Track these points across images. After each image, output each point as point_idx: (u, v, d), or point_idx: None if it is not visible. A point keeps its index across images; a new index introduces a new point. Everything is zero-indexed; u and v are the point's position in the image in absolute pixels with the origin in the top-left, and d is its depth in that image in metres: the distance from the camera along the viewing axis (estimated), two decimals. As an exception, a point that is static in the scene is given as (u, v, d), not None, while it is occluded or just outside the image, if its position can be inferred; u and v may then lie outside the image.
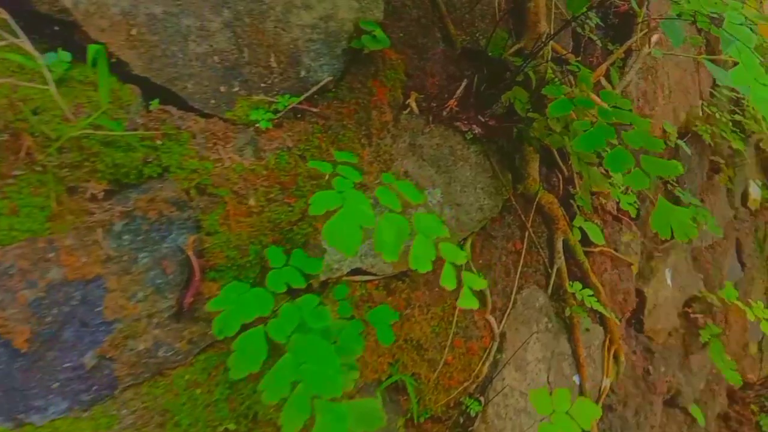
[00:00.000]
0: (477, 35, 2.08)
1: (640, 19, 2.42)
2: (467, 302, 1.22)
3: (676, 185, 3.21)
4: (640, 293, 2.78)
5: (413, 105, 1.79)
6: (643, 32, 2.46)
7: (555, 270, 2.19)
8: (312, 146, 1.57)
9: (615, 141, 1.78)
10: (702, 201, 3.62)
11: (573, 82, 2.30)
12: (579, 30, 2.54)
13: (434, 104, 1.92)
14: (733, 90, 4.19)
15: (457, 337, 1.84)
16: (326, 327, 1.21)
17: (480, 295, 1.93)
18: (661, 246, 3.12)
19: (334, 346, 1.24)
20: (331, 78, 1.64)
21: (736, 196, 4.23)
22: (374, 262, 1.70)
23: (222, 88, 1.51)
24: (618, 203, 2.73)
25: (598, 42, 2.56)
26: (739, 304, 3.12)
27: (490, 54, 2.09)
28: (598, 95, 2.22)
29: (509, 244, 2.08)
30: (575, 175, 2.18)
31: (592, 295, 2.20)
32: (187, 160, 1.38)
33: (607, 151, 1.72)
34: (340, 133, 1.63)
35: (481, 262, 1.97)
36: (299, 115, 1.58)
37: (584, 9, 1.75)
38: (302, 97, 1.58)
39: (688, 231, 1.63)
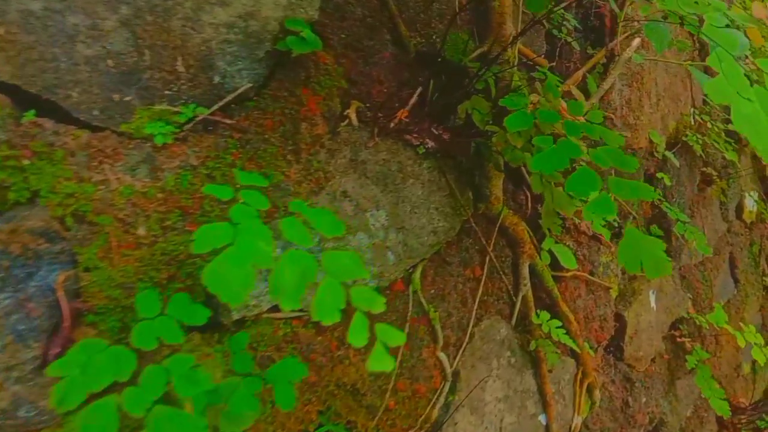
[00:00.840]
0: (434, 37, 1.86)
1: (620, 21, 2.21)
2: (379, 363, 1.01)
3: (663, 200, 3.00)
4: (619, 318, 2.57)
5: (353, 116, 1.57)
6: (625, 35, 2.24)
7: (520, 298, 1.98)
8: (223, 164, 1.35)
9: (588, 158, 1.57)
10: (692, 215, 3.41)
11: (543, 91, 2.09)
12: (555, 32, 2.32)
13: (381, 115, 1.71)
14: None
15: (402, 379, 1.63)
16: (211, 389, 0.99)
17: (430, 330, 1.72)
18: (645, 265, 2.90)
19: (223, 412, 1.02)
20: (251, 85, 1.43)
21: (729, 208, 4.01)
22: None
23: (116, 97, 1.30)
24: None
25: (576, 46, 2.35)
26: (729, 328, 2.91)
27: (448, 58, 1.87)
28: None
29: (467, 271, 1.86)
30: (530, 200, 1.97)
31: (561, 326, 1.98)
32: (62, 183, 1.16)
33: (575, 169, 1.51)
34: (260, 149, 1.41)
35: (432, 291, 1.75)
36: (210, 128, 1.37)
37: (546, 8, 1.54)
38: (214, 108, 1.37)
39: (660, 267, 1.42)
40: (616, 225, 2.55)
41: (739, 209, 4.17)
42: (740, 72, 1.22)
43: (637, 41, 2.09)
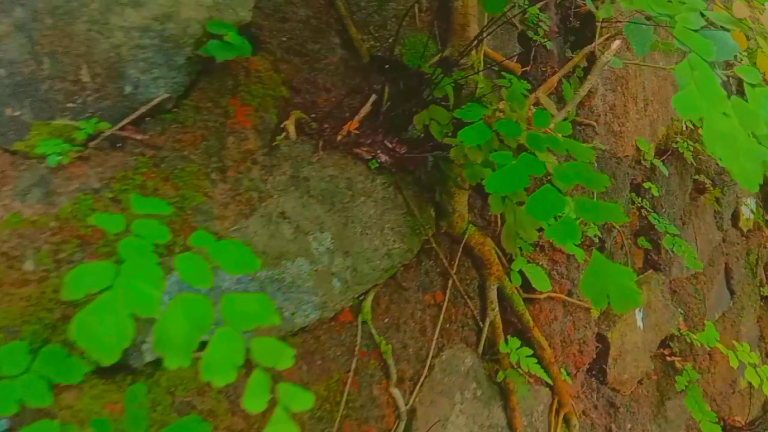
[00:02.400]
0: (390, 40, 1.71)
1: (599, 22, 2.05)
2: (281, 430, 0.85)
3: (651, 211, 2.83)
4: (602, 339, 2.40)
5: (291, 128, 1.41)
6: (605, 37, 2.08)
7: (487, 324, 1.82)
8: (131, 186, 1.19)
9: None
10: (684, 225, 3.24)
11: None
12: (530, 34, 2.16)
13: (328, 126, 1.55)
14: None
15: (348, 421, 1.47)
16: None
17: (382, 364, 1.56)
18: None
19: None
20: (168, 95, 1.27)
21: (724, 217, 3.84)
22: (230, 332, 1.33)
23: (8, 111, 1.14)
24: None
25: (554, 48, 2.19)
26: (721, 347, 2.74)
27: (406, 63, 1.71)
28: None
29: (427, 296, 1.70)
30: (500, 216, 1.81)
31: (533, 354, 1.82)
32: (-70, 212, 1.01)
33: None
34: (178, 168, 1.25)
35: (386, 320, 1.59)
36: (119, 145, 1.21)
37: (504, 9, 1.37)
38: (123, 122, 1.21)
39: (630, 299, 1.25)
40: (597, 240, 2.39)
41: (735, 217, 4.00)
42: (716, 82, 1.06)
43: (617, 43, 1.92)
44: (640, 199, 2.81)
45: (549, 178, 1.38)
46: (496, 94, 1.77)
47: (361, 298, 1.56)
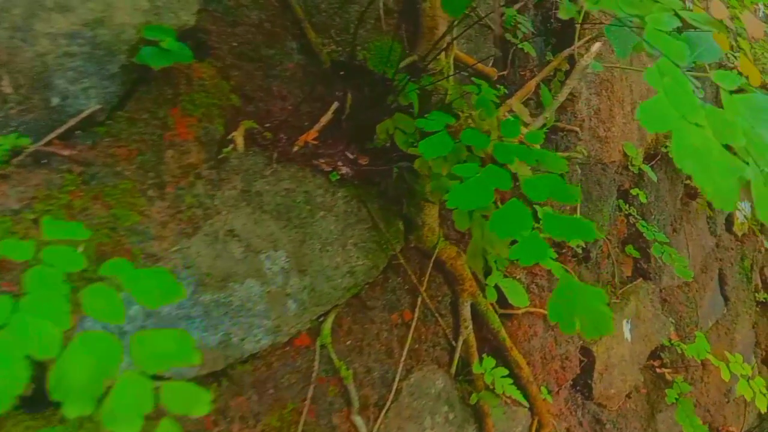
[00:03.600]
0: (354, 45, 1.61)
1: (578, 24, 1.95)
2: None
3: (640, 218, 2.74)
4: (587, 353, 2.31)
5: (239, 139, 1.31)
6: (586, 39, 1.99)
7: (460, 343, 1.72)
8: (56, 206, 1.10)
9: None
10: (675, 232, 3.14)
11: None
12: (509, 37, 2.06)
13: (284, 136, 1.45)
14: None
15: (305, 452, 1.37)
16: None
17: (342, 391, 1.46)
18: (620, 290, 2.65)
19: None
20: (99, 107, 1.17)
21: (717, 222, 3.74)
22: (172, 360, 1.23)
23: None
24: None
25: (532, 52, 2.09)
26: (712, 359, 2.64)
27: (371, 69, 1.62)
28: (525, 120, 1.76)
29: (394, 315, 1.60)
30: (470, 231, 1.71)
31: (509, 375, 1.72)
32: None
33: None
34: (110, 185, 1.16)
35: (348, 343, 1.50)
36: (44, 161, 1.11)
37: (465, 11, 1.28)
38: (50, 136, 1.12)
39: (601, 324, 1.16)
40: (581, 250, 2.30)
41: (729, 221, 3.91)
42: (689, 90, 0.97)
43: (597, 45, 1.83)
44: (627, 206, 2.71)
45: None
46: (467, 101, 1.67)
47: (320, 319, 1.47)
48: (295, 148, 1.43)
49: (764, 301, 4.23)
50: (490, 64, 1.94)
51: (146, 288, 0.89)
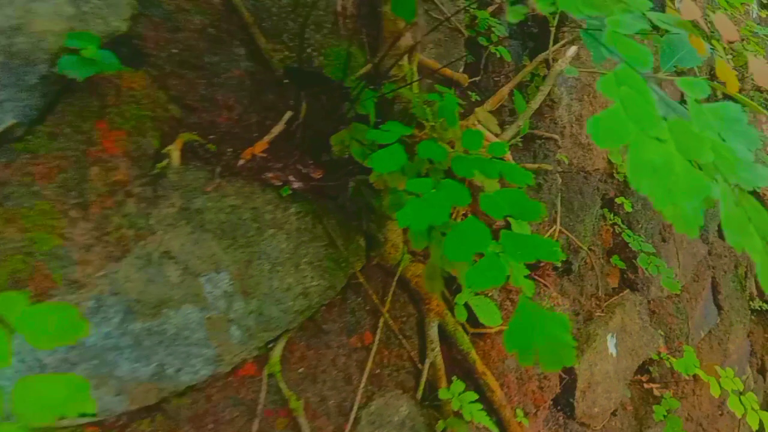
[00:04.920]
0: (310, 51, 1.52)
1: (552, 27, 1.86)
2: None
3: (625, 228, 2.64)
4: (569, 370, 2.21)
5: (174, 154, 1.22)
6: (561, 43, 1.89)
7: (427, 366, 1.62)
8: (-39, 231, 1.00)
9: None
10: (664, 240, 3.04)
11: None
12: (482, 41, 1.97)
13: (229, 149, 1.36)
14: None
15: (250, 489, 1.27)
16: None
17: (292, 424, 1.36)
18: (604, 303, 2.55)
19: None
20: (15, 121, 1.08)
21: (710, 229, 3.65)
22: (98, 394, 1.13)
23: None
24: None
25: (507, 56, 1.99)
26: (702, 374, 2.54)
27: (327, 76, 1.52)
28: (495, 128, 1.67)
29: (353, 339, 1.50)
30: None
31: (479, 399, 1.62)
32: None
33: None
34: (27, 205, 1.06)
35: (301, 370, 1.40)
36: (-51, 181, 1.02)
37: (414, 17, 1.18)
38: (-45, 153, 1.02)
39: (562, 355, 1.05)
40: (561, 262, 2.20)
41: (722, 228, 3.80)
42: (650, 100, 0.87)
43: (573, 50, 1.74)
44: (612, 215, 2.62)
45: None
46: (433, 110, 1.58)
47: (270, 345, 1.37)
48: (241, 162, 1.33)
49: (760, 309, 4.13)
50: (461, 69, 1.84)
51: (39, 327, 0.79)
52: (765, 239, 0.87)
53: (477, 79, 1.91)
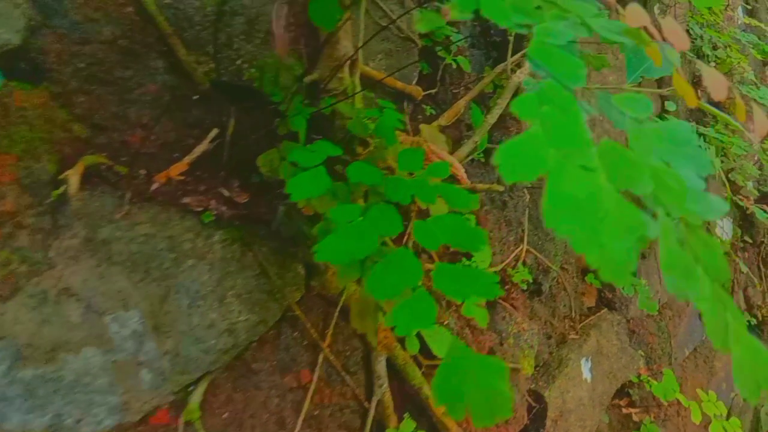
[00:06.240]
0: (240, 62, 1.40)
1: (510, 36, 1.75)
2: None
3: (601, 244, 2.51)
4: (539, 398, 2.08)
5: (73, 179, 1.09)
6: (521, 53, 1.78)
7: (374, 404, 1.49)
8: None
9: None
10: (644, 258, 2.93)
11: (408, 130, 1.62)
12: (440, 52, 1.86)
13: (143, 172, 1.23)
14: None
15: None
16: None
17: (212, 475, 1.22)
18: (579, 325, 2.42)
19: None
20: None
21: (693, 242, 3.52)
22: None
23: None
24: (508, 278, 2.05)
25: (467, 68, 1.88)
26: (682, 399, 2.42)
27: (261, 90, 1.40)
28: (448, 142, 1.55)
29: (287, 378, 1.37)
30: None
31: (431, 439, 1.49)
32: None
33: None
34: None
35: (225, 416, 1.27)
36: None
37: (334, 26, 1.07)
38: None
39: (498, 407, 0.93)
40: (530, 283, 2.08)
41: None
42: (578, 120, 0.75)
43: (533, 61, 1.62)
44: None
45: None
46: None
47: (190, 389, 1.24)
48: (155, 186, 1.21)
49: (748, 324, 4.01)
50: (414, 81, 1.73)
51: None
52: (717, 281, 0.74)
53: (433, 91, 1.80)
